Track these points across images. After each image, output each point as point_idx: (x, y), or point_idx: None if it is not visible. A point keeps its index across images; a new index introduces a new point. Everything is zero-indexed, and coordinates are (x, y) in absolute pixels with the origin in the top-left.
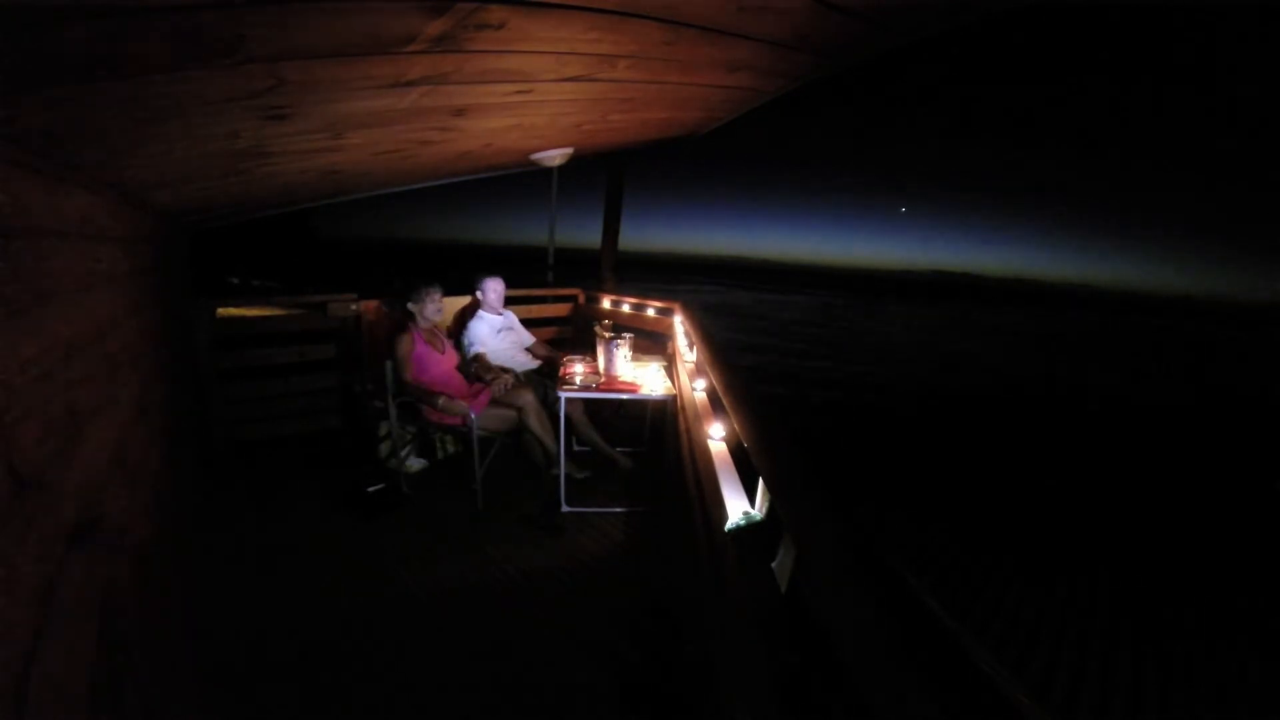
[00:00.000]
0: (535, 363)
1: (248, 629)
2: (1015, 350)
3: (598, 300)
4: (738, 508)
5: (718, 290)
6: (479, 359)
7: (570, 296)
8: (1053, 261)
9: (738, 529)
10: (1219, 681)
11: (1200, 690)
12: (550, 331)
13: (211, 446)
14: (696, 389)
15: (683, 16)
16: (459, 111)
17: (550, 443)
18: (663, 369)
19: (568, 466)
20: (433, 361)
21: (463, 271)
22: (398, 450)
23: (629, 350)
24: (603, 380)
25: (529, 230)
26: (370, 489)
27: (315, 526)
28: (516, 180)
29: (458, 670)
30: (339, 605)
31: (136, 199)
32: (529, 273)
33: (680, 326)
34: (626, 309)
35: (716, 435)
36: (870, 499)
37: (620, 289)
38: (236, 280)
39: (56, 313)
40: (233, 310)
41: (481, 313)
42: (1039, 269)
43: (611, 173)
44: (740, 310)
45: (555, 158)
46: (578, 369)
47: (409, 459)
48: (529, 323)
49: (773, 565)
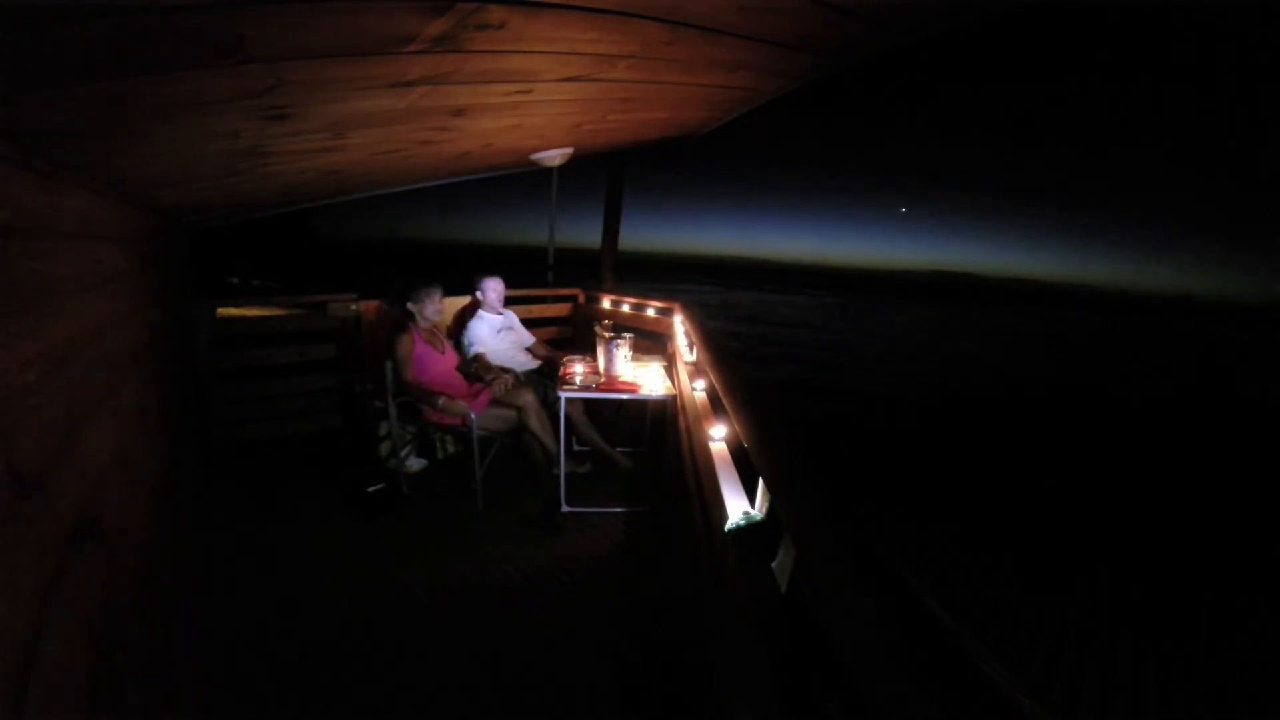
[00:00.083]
0: (535, 363)
1: (248, 629)
2: (1015, 350)
3: (598, 300)
4: (738, 508)
5: (718, 290)
6: (479, 359)
7: (570, 296)
8: (1053, 261)
9: (738, 529)
10: (1219, 681)
11: (1200, 690)
12: (550, 331)
13: (211, 446)
14: (696, 389)
15: (683, 16)
16: (459, 111)
17: (550, 443)
18: (663, 369)
19: (568, 465)
20: (433, 361)
21: (463, 271)
22: (398, 450)
23: (629, 350)
24: (603, 380)
25: (529, 230)
26: (370, 489)
27: (315, 526)
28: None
29: (458, 670)
30: (339, 605)
31: (136, 199)
32: (529, 273)
33: (680, 326)
34: (626, 309)
35: (716, 435)
36: (870, 499)
37: (620, 289)
38: (236, 280)
39: (56, 313)
40: (233, 310)
41: (481, 313)
42: (1039, 269)
43: (611, 173)
44: (740, 310)
45: (555, 158)
46: (578, 369)
47: (409, 459)
48: (529, 323)
49: (773, 565)
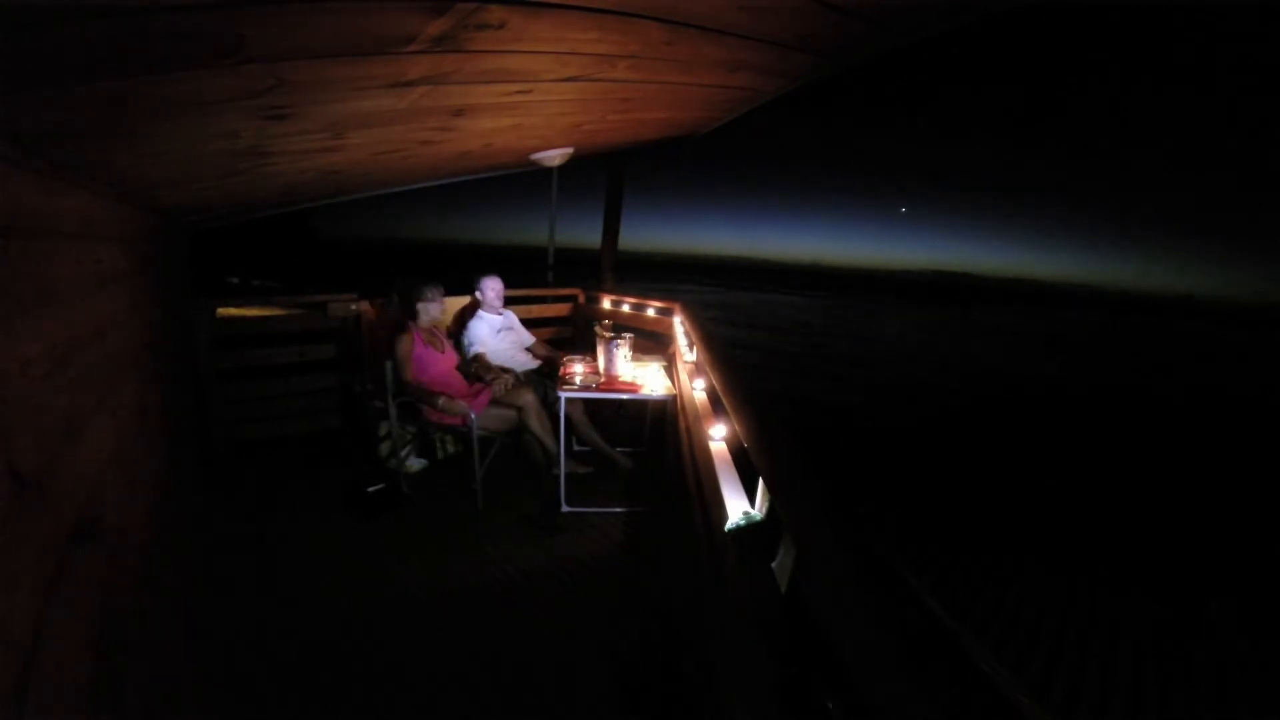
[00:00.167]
0: (535, 363)
1: (248, 629)
2: (1015, 350)
3: (598, 300)
4: (738, 508)
5: (718, 290)
6: (479, 359)
7: (570, 296)
8: (1053, 261)
9: (738, 529)
10: (1219, 681)
11: (1200, 690)
12: (550, 331)
13: (211, 446)
14: (696, 389)
15: (683, 16)
16: (459, 111)
17: (550, 443)
18: (663, 369)
19: (568, 465)
20: (433, 361)
21: (463, 272)
22: (398, 450)
23: (629, 350)
24: (603, 380)
25: (529, 230)
26: (370, 489)
27: (315, 526)
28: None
29: (458, 670)
30: (339, 605)
31: (136, 199)
32: (529, 273)
33: (680, 326)
34: (626, 309)
35: (717, 435)
36: (870, 499)
37: (620, 289)
38: (236, 280)
39: (56, 313)
40: (233, 310)
41: (481, 313)
42: (1039, 269)
43: (611, 173)
44: (740, 310)
45: (555, 158)
46: (578, 369)
47: (409, 459)
48: (529, 323)
49: (773, 565)
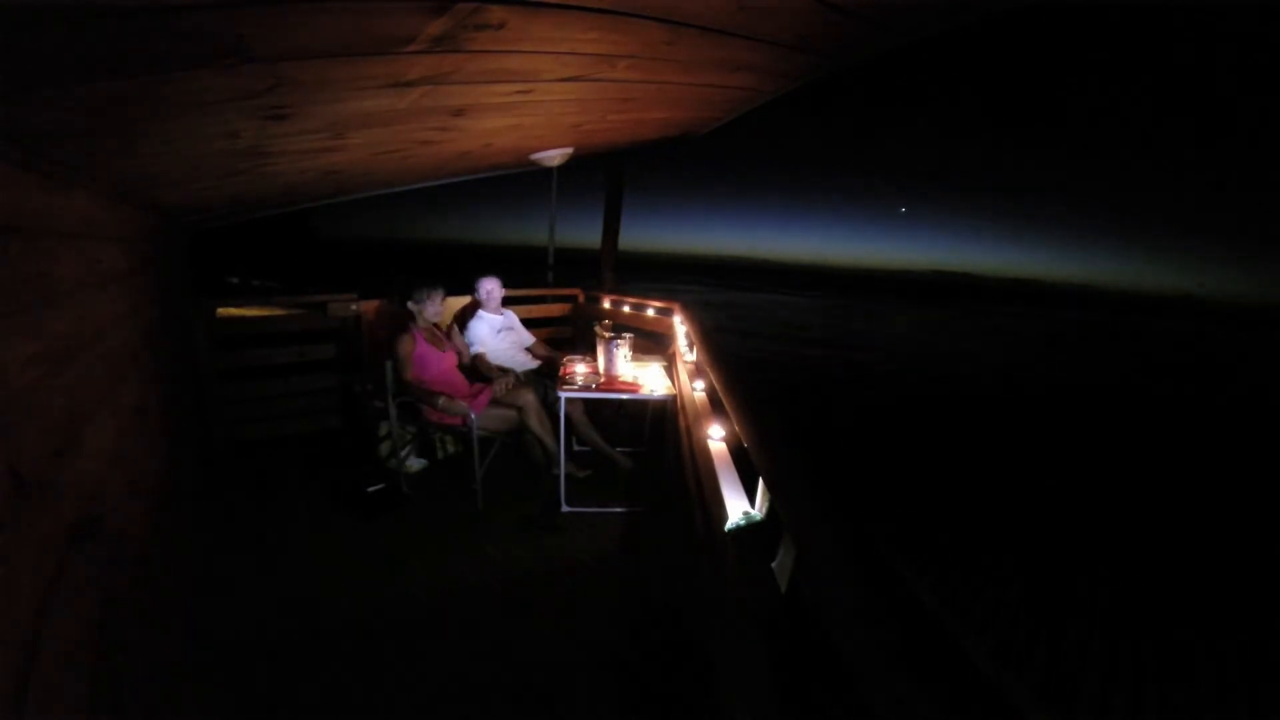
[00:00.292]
0: (535, 363)
1: (247, 629)
2: (1015, 350)
3: (598, 300)
4: (738, 508)
5: (718, 290)
6: (479, 359)
7: (570, 296)
8: (1053, 261)
9: (738, 529)
10: (1219, 681)
11: (1200, 690)
12: (550, 331)
13: (211, 446)
14: (696, 389)
15: (683, 16)
16: (459, 111)
17: (551, 442)
18: (663, 369)
19: (568, 466)
20: (433, 361)
21: (463, 272)
22: (398, 450)
23: (629, 350)
24: (603, 380)
25: (529, 230)
26: (370, 489)
27: (315, 526)
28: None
29: (458, 670)
30: (339, 605)
31: (136, 199)
32: (529, 273)
33: (680, 326)
34: (626, 309)
35: (716, 435)
36: (870, 499)
37: (620, 289)
38: (236, 280)
39: (56, 313)
40: (233, 310)
41: (481, 313)
42: (1039, 269)
43: (611, 173)
44: (740, 310)
45: (555, 158)
46: (578, 369)
47: (409, 459)
48: (529, 323)
49: (773, 565)
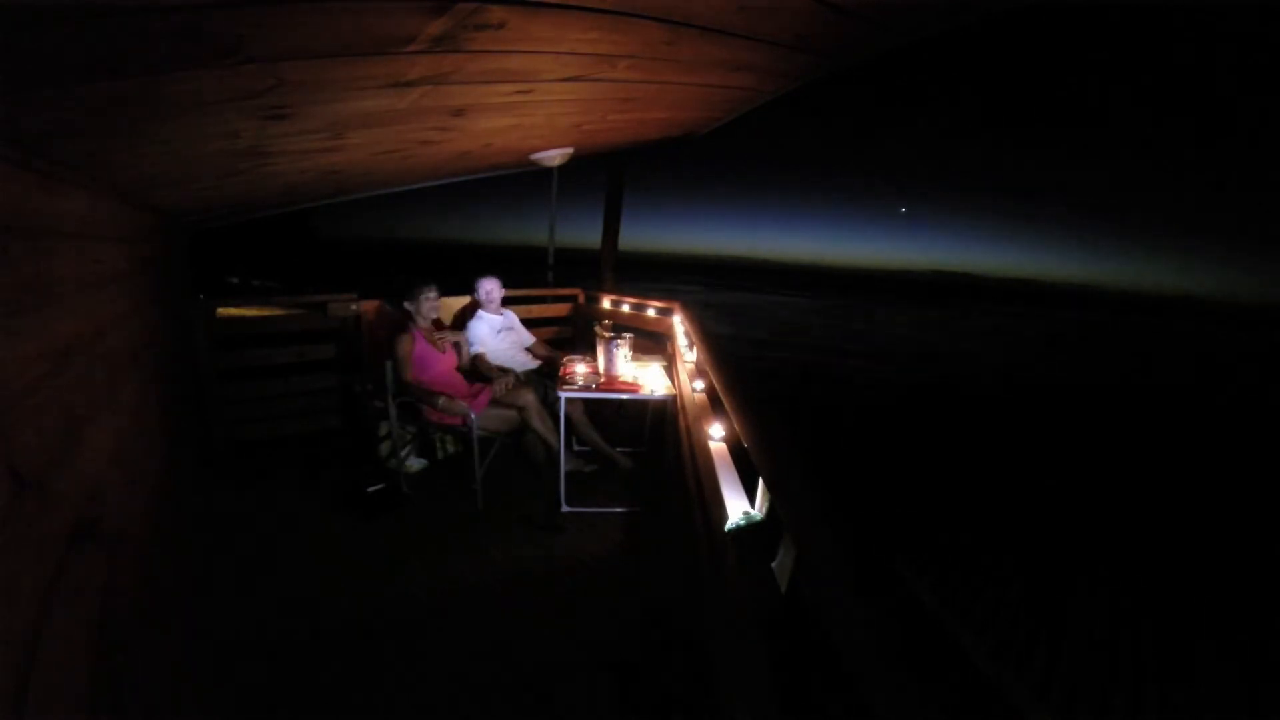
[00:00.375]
0: (535, 363)
1: (247, 629)
2: (1015, 350)
3: (598, 300)
4: (738, 508)
5: (718, 290)
6: (479, 359)
7: (570, 296)
8: (1053, 261)
9: (738, 529)
10: (1219, 681)
11: (1201, 690)
12: (550, 331)
13: (211, 446)
14: (696, 389)
15: (683, 16)
16: (459, 111)
17: (553, 442)
18: (663, 369)
19: (575, 462)
20: (433, 360)
21: (463, 272)
22: (398, 450)
23: (629, 350)
24: (603, 380)
25: (529, 230)
26: (370, 489)
27: (315, 526)
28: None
29: (458, 670)
30: (339, 605)
31: (136, 199)
32: (529, 273)
33: (680, 326)
34: (626, 309)
35: (716, 435)
36: (870, 499)
37: (620, 289)
38: (236, 280)
39: (56, 313)
40: (233, 310)
41: (481, 313)
42: (1039, 269)
43: (611, 173)
44: (740, 310)
45: (555, 158)
46: (578, 369)
47: (409, 459)
48: (529, 323)
49: (773, 565)
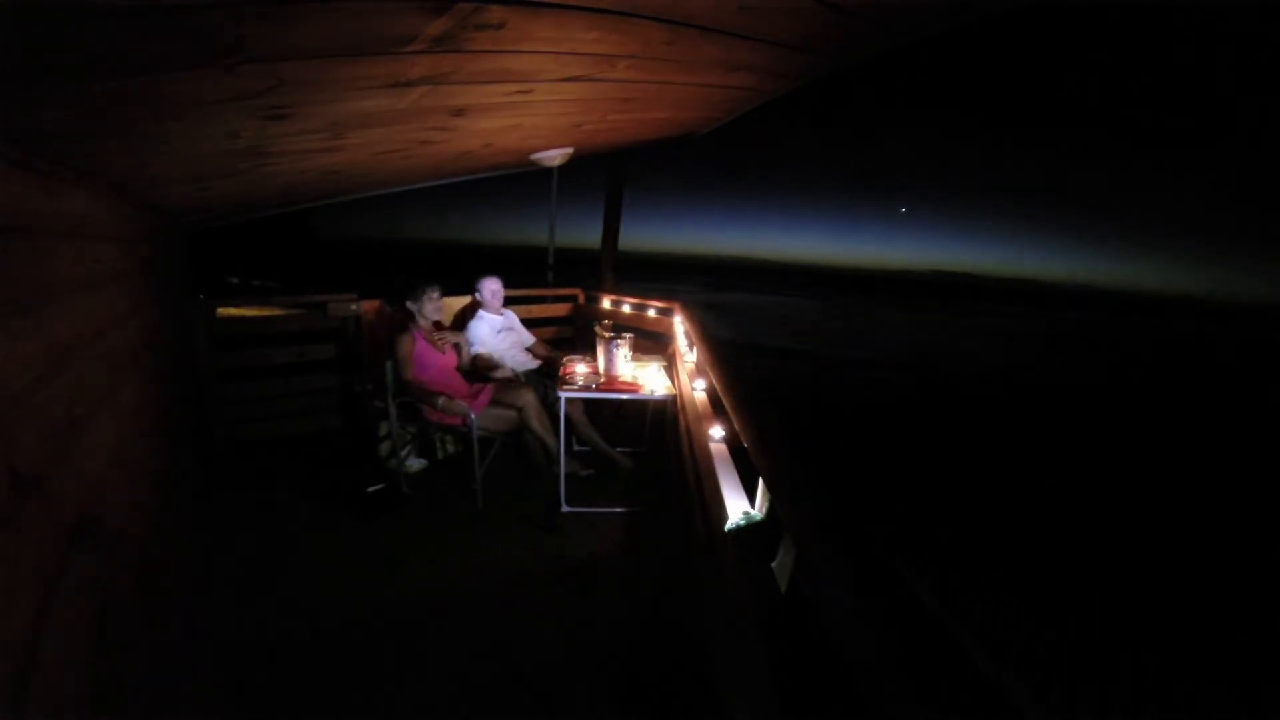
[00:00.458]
0: (535, 363)
1: (247, 629)
2: (1015, 350)
3: (598, 300)
4: (738, 508)
5: (718, 290)
6: (479, 359)
7: (570, 296)
8: (1053, 261)
9: (738, 529)
10: (1220, 681)
11: (1201, 690)
12: (550, 331)
13: (211, 446)
14: (696, 389)
15: (683, 16)
16: (459, 111)
17: (552, 442)
18: (663, 369)
19: (570, 465)
20: (433, 360)
21: (463, 272)
22: (398, 450)
23: (629, 350)
24: (603, 380)
25: (529, 230)
26: (370, 489)
27: (315, 526)
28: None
29: (458, 670)
30: (339, 605)
31: (136, 199)
32: (529, 273)
33: (680, 326)
34: (626, 309)
35: (716, 435)
36: (870, 499)
37: (620, 289)
38: (236, 280)
39: (56, 313)
40: (233, 310)
41: (481, 313)
42: (1039, 269)
43: (611, 173)
44: (740, 310)
45: (555, 158)
46: (578, 369)
47: (409, 459)
48: (529, 323)
49: (773, 565)
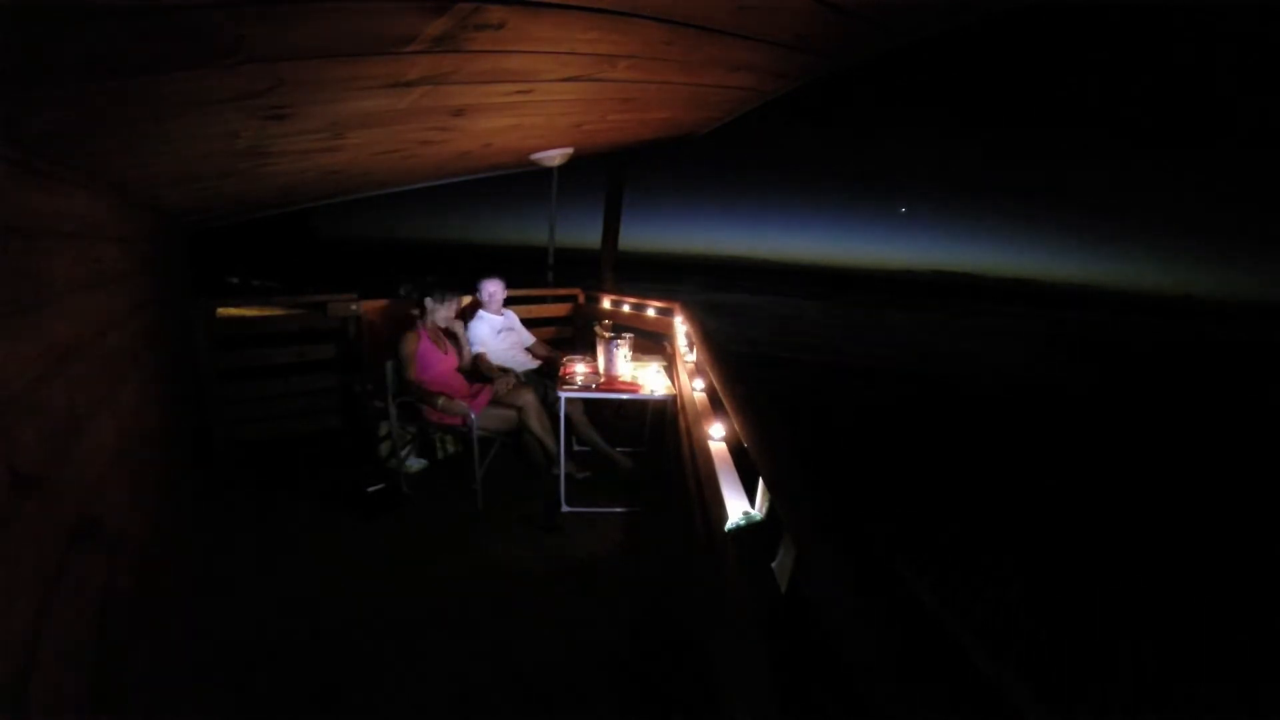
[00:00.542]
0: (535, 363)
1: (247, 629)
2: (1015, 350)
3: (598, 300)
4: (738, 508)
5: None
6: (479, 359)
7: (570, 296)
8: (1053, 261)
9: (738, 529)
10: (1220, 681)
11: (1201, 690)
12: (550, 331)
13: (211, 446)
14: (696, 389)
15: (683, 16)
16: (459, 111)
17: (551, 443)
18: (663, 369)
19: (568, 466)
20: (434, 360)
21: (463, 272)
22: (398, 450)
23: (629, 350)
24: (603, 380)
25: (529, 230)
26: (370, 489)
27: (315, 526)
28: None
29: (457, 670)
30: (339, 605)
31: (136, 199)
32: (529, 273)
33: (680, 326)
34: (626, 309)
35: (716, 435)
36: (871, 499)
37: (620, 289)
38: (236, 280)
39: (56, 313)
40: (233, 310)
41: (482, 313)
42: (1039, 269)
43: (611, 173)
44: (740, 310)
45: (555, 158)
46: (578, 369)
47: (409, 459)
48: (529, 323)
49: (773, 565)
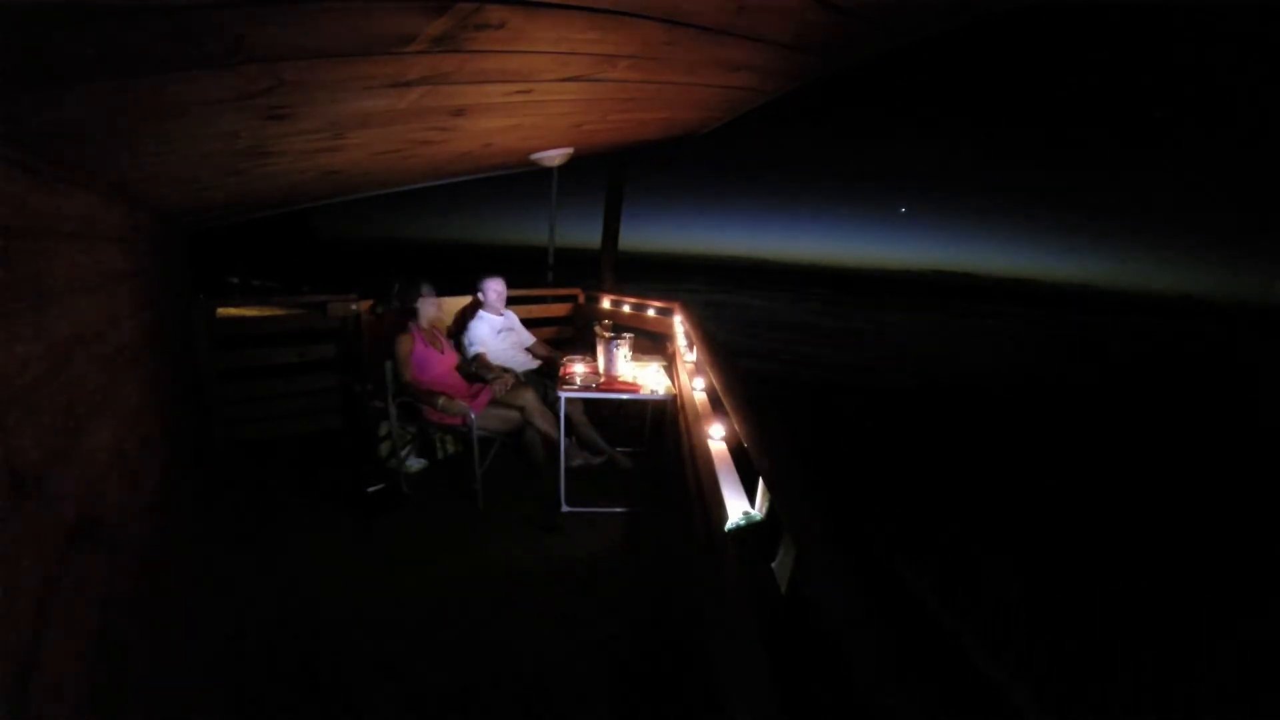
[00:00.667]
0: (535, 363)
1: (248, 629)
2: (1015, 350)
3: (598, 300)
4: (738, 508)
5: (718, 290)
6: (479, 359)
7: (570, 296)
8: (1053, 261)
9: (738, 529)
10: (1219, 681)
11: (1201, 690)
12: (550, 331)
13: (211, 446)
14: (696, 389)
15: (683, 16)
16: (459, 111)
17: (556, 436)
18: (663, 369)
19: (582, 454)
20: (433, 361)
21: (463, 272)
22: (398, 450)
23: (629, 350)
24: (603, 380)
25: (529, 230)
26: (370, 489)
27: (315, 526)
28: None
29: (457, 670)
30: (339, 605)
31: (136, 199)
32: (529, 273)
33: (680, 326)
34: (626, 309)
35: (716, 435)
36: (871, 499)
37: (620, 289)
38: (236, 280)
39: (56, 313)
40: (233, 310)
41: (482, 313)
42: (1039, 269)
43: (611, 173)
44: (740, 310)
45: (555, 158)
46: (578, 369)
47: (409, 459)
48: (529, 323)
49: (773, 565)
